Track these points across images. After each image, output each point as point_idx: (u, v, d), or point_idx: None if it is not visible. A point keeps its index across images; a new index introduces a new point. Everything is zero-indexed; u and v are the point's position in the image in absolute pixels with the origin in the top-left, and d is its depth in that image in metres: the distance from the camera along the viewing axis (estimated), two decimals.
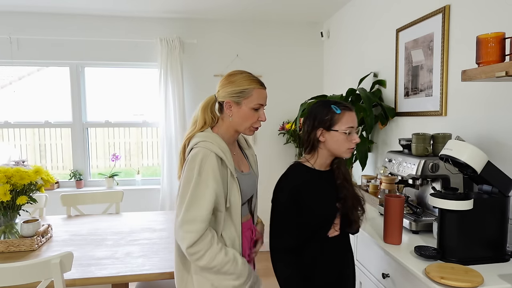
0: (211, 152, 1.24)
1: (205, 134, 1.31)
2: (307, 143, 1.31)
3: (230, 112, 1.33)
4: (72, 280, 1.45)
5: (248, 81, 1.32)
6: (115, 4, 3.09)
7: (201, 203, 1.19)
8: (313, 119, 1.29)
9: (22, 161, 3.09)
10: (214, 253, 1.21)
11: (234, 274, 1.26)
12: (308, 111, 1.33)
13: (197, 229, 1.18)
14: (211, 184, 1.21)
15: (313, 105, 1.33)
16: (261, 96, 1.34)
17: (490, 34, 1.23)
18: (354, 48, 3.03)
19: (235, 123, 1.34)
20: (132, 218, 2.34)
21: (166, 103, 3.42)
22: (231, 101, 1.32)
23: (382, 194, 2.00)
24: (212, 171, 1.22)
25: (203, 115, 1.37)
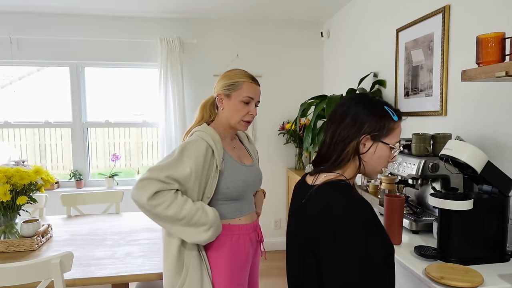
0: (202, 140, 1.29)
1: (201, 127, 1.37)
2: (338, 152, 0.95)
3: (222, 105, 1.39)
4: (72, 280, 1.45)
5: (239, 75, 1.38)
6: (115, 4, 3.09)
7: (172, 172, 1.21)
8: (357, 121, 0.94)
9: (22, 161, 3.09)
10: (180, 203, 1.21)
11: (206, 224, 1.24)
12: (345, 108, 0.97)
13: (159, 186, 1.19)
14: (188, 164, 1.23)
15: (352, 101, 0.98)
16: (251, 89, 1.38)
17: (490, 34, 1.23)
18: (354, 48, 3.03)
19: (227, 116, 1.38)
20: (132, 218, 2.34)
21: (166, 103, 3.42)
22: (222, 93, 1.38)
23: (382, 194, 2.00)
24: (195, 155, 1.25)
25: (201, 111, 1.45)
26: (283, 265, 3.26)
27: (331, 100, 2.28)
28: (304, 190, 1.00)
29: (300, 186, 1.05)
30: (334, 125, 0.97)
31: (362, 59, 2.88)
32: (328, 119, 1.01)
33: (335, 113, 0.99)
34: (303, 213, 0.96)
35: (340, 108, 0.98)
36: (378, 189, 2.21)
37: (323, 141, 1.00)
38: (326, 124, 1.02)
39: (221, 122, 1.42)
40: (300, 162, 3.64)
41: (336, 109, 1.00)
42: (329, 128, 0.99)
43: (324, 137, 1.00)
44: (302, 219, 0.97)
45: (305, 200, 0.96)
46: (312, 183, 0.98)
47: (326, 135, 0.99)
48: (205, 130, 1.33)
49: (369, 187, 2.28)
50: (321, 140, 1.02)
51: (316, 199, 0.92)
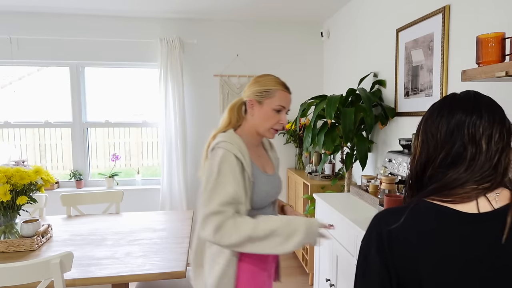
0: (230, 153, 1.25)
1: (227, 135, 1.31)
2: (494, 167, 0.72)
3: (252, 111, 1.35)
4: (72, 280, 1.45)
5: (273, 83, 1.35)
6: (115, 4, 3.09)
7: (220, 198, 1.20)
8: (507, 122, 0.74)
9: (22, 161, 3.09)
10: (239, 224, 1.18)
11: (275, 231, 1.18)
12: (489, 104, 0.74)
13: (217, 219, 1.18)
14: (228, 182, 1.22)
15: (486, 97, 0.76)
16: (284, 98, 1.34)
17: (490, 34, 1.23)
18: (354, 48, 3.03)
19: (256, 123, 1.35)
20: (132, 218, 2.34)
21: (166, 103, 3.42)
22: (254, 99, 1.34)
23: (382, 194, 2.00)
24: (231, 171, 1.23)
25: (229, 114, 1.40)
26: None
27: (331, 100, 2.28)
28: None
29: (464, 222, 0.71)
30: (476, 126, 0.73)
31: (362, 59, 2.88)
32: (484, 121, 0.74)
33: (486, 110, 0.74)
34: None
35: (489, 104, 0.75)
36: (378, 189, 2.21)
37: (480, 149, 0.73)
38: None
39: (249, 128, 1.38)
40: (300, 162, 3.64)
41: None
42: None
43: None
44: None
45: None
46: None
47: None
48: (231, 141, 1.28)
49: (369, 187, 2.28)
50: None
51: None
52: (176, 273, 1.53)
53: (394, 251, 0.72)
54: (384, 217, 0.76)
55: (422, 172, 0.78)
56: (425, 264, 0.69)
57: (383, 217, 0.76)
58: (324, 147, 2.41)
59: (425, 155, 0.77)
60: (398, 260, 0.72)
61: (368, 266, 0.76)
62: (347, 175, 2.61)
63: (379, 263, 0.74)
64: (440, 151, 0.75)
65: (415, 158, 0.80)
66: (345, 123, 2.21)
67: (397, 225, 0.73)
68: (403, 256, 0.71)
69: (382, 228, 0.74)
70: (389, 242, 0.73)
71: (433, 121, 0.77)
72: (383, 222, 0.75)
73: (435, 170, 0.75)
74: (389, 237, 0.73)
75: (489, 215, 0.69)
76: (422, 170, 0.78)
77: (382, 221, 0.76)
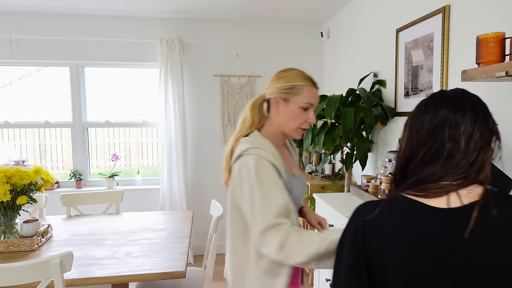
0: (264, 160, 1.14)
1: (254, 139, 1.20)
2: (470, 164, 0.74)
3: (277, 109, 1.23)
4: (72, 280, 1.45)
5: (300, 78, 1.22)
6: (115, 4, 3.09)
7: (273, 210, 1.09)
8: (490, 121, 0.76)
9: (22, 161, 3.09)
10: (304, 239, 1.07)
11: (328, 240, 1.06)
12: (474, 103, 0.76)
13: (279, 235, 1.07)
14: (275, 192, 1.11)
15: (473, 95, 0.78)
16: (312, 95, 1.22)
17: (490, 34, 1.23)
18: (354, 48, 3.03)
19: (281, 122, 1.24)
20: (132, 218, 2.34)
21: (166, 103, 3.42)
22: (279, 97, 1.22)
23: (382, 194, 2.00)
24: (272, 179, 1.12)
25: (251, 113, 1.27)
26: None
27: (331, 100, 2.28)
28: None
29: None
30: (467, 124, 0.74)
31: (362, 59, 2.88)
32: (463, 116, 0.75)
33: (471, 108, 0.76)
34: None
35: (474, 101, 0.77)
36: (378, 189, 2.21)
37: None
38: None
39: (274, 128, 1.27)
40: (300, 162, 3.64)
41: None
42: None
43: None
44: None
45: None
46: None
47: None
48: (261, 146, 1.17)
49: (369, 187, 2.28)
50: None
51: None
52: (176, 273, 1.53)
53: (367, 242, 0.75)
54: (363, 208, 0.79)
55: (406, 166, 0.80)
56: (393, 256, 0.72)
57: (361, 210, 0.79)
58: (324, 147, 2.41)
59: (409, 149, 0.79)
60: (370, 251, 0.75)
61: (342, 254, 0.80)
62: (347, 175, 2.61)
63: (352, 252, 0.77)
64: (422, 147, 0.77)
65: (401, 152, 0.82)
66: (345, 123, 2.21)
67: (371, 216, 0.76)
68: (375, 247, 0.74)
69: (359, 219, 0.78)
70: (363, 233, 0.76)
71: (418, 118, 0.79)
72: (361, 213, 0.79)
73: (416, 165, 0.78)
74: (363, 228, 0.76)
75: (457, 211, 0.71)
76: (406, 164, 0.80)
77: (360, 212, 0.79)
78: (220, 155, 3.68)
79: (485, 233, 0.68)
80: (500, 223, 0.68)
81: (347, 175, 2.61)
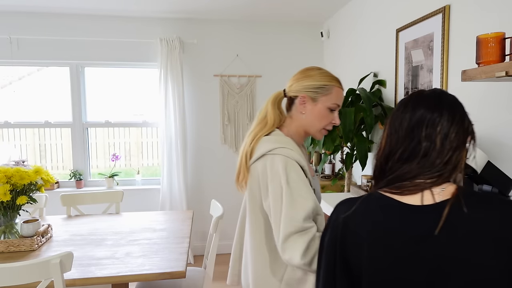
0: (292, 160, 1.10)
1: (280, 139, 1.15)
2: (445, 164, 0.75)
3: (304, 108, 1.19)
4: (72, 280, 1.45)
5: (328, 78, 1.19)
6: (115, 4, 3.09)
7: (302, 214, 1.04)
8: (466, 122, 0.78)
9: (22, 161, 3.09)
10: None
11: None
12: (451, 103, 0.78)
13: (303, 239, 1.02)
14: (305, 194, 1.07)
15: (450, 96, 0.80)
16: (340, 96, 1.20)
17: (490, 34, 1.23)
18: (354, 48, 3.03)
19: (307, 122, 1.20)
20: (132, 218, 2.34)
21: (166, 103, 3.42)
22: (307, 95, 1.18)
23: None
24: (302, 181, 1.08)
25: (272, 111, 1.22)
26: None
27: None
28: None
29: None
30: (439, 124, 0.76)
31: (362, 59, 2.88)
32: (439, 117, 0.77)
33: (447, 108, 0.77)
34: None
35: (451, 102, 0.79)
36: None
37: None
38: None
39: (297, 127, 1.22)
40: None
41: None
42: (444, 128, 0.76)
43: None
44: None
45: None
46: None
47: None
48: (288, 146, 1.13)
49: (369, 187, 2.28)
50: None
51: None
52: (176, 273, 1.53)
53: (344, 238, 0.77)
54: (341, 206, 0.81)
55: (385, 164, 0.81)
56: (367, 252, 0.73)
57: (340, 206, 0.81)
58: (324, 147, 2.41)
59: (388, 148, 0.81)
60: (347, 247, 0.76)
61: (322, 249, 0.82)
62: (347, 175, 2.61)
63: (330, 248, 0.79)
64: (400, 146, 0.78)
65: (380, 150, 0.83)
66: (345, 123, 2.21)
67: (348, 213, 0.78)
68: (351, 243, 0.76)
69: (339, 216, 0.79)
70: (340, 229, 0.78)
71: (397, 116, 0.81)
72: (339, 210, 0.80)
73: (394, 163, 0.79)
74: (341, 224, 0.78)
75: (429, 208, 0.73)
76: (385, 162, 0.81)
77: (339, 209, 0.81)
78: (220, 155, 3.68)
79: (455, 230, 0.69)
80: (470, 220, 0.69)
81: (347, 175, 2.61)
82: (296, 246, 1.01)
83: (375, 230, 0.74)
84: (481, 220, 0.69)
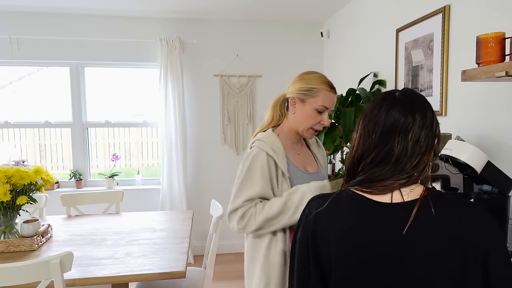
0: (262, 151, 1.28)
1: (264, 134, 1.34)
2: (413, 167, 0.78)
3: (294, 108, 1.33)
4: (72, 280, 1.45)
5: (318, 81, 1.30)
6: (116, 4, 3.09)
7: (245, 196, 1.26)
8: (435, 125, 0.81)
9: (22, 161, 3.09)
10: (259, 209, 1.25)
11: (286, 203, 1.23)
12: (423, 106, 0.80)
13: (240, 212, 1.27)
14: (256, 180, 1.26)
15: (421, 97, 0.82)
16: (328, 99, 1.30)
17: (490, 34, 1.23)
18: (354, 48, 3.03)
19: (295, 121, 1.34)
20: (132, 218, 2.34)
21: (166, 103, 3.42)
22: (297, 97, 1.32)
23: None
24: (261, 169, 1.27)
25: (272, 111, 1.41)
26: None
27: None
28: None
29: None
30: (414, 127, 0.79)
31: (362, 59, 2.88)
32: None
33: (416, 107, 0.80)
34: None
35: (422, 101, 0.82)
36: None
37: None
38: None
39: (289, 126, 1.37)
40: None
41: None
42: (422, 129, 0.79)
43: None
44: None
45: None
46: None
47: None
48: (265, 139, 1.30)
49: None
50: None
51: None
52: (176, 273, 1.53)
53: (315, 233, 0.79)
54: (314, 201, 0.84)
55: (357, 164, 0.84)
56: (337, 247, 0.76)
57: (313, 202, 0.84)
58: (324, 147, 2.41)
59: (361, 150, 0.83)
60: (318, 242, 0.79)
61: (294, 244, 0.85)
62: None
63: (302, 244, 0.81)
64: (373, 150, 0.80)
65: (353, 151, 0.85)
66: (345, 123, 2.21)
67: (321, 209, 0.80)
68: (322, 238, 0.78)
69: (311, 212, 0.82)
70: (312, 225, 0.80)
71: (371, 120, 0.82)
72: (312, 206, 0.83)
73: (366, 165, 0.81)
74: (313, 221, 0.80)
75: (398, 206, 0.76)
76: (357, 163, 0.84)
77: (311, 205, 0.83)
78: (220, 155, 3.68)
79: (421, 229, 0.73)
80: (435, 221, 0.72)
81: None
82: (235, 217, 1.27)
83: (346, 228, 0.77)
84: (444, 220, 0.72)
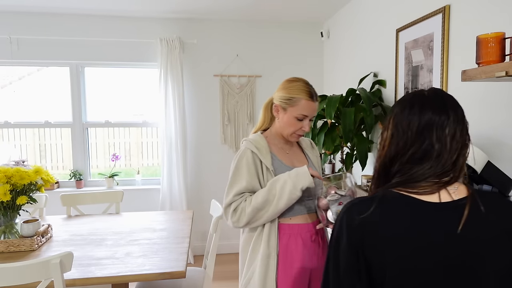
0: (247, 149, 1.40)
1: (253, 136, 1.46)
2: (453, 163, 0.78)
3: (277, 115, 1.43)
4: (72, 280, 1.45)
5: (299, 91, 1.37)
6: (115, 4, 3.09)
7: (235, 190, 1.37)
8: (465, 121, 0.80)
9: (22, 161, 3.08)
10: (248, 202, 1.36)
11: (270, 192, 1.33)
12: (453, 104, 0.80)
13: (232, 206, 1.38)
14: (243, 175, 1.37)
15: (450, 96, 0.82)
16: (307, 107, 1.37)
17: (490, 34, 1.23)
18: (354, 48, 3.03)
19: (280, 127, 1.44)
20: (132, 218, 2.34)
21: (166, 103, 3.42)
22: (279, 105, 1.41)
23: None
24: (246, 165, 1.38)
25: (263, 114, 1.52)
26: None
27: (331, 100, 2.28)
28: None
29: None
30: (449, 126, 0.78)
31: (362, 59, 2.88)
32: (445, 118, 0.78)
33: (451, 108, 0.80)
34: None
35: (454, 102, 0.81)
36: None
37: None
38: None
39: (276, 130, 1.48)
40: None
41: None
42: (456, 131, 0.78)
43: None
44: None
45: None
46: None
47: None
48: (251, 140, 1.43)
49: (369, 187, 2.27)
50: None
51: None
52: (176, 273, 1.53)
53: (365, 239, 0.75)
54: (355, 206, 0.79)
55: (390, 166, 0.81)
56: (391, 251, 0.73)
57: (354, 207, 0.79)
58: (324, 147, 2.41)
59: (394, 149, 0.81)
60: (367, 248, 0.75)
61: (336, 255, 0.79)
62: None
63: (350, 251, 0.76)
64: (410, 148, 0.78)
65: (384, 150, 0.83)
66: (345, 123, 2.21)
67: (367, 214, 0.76)
68: (372, 244, 0.75)
69: (354, 217, 0.77)
70: (360, 231, 0.76)
71: (404, 117, 0.80)
72: (354, 211, 0.78)
73: (403, 165, 0.79)
74: (360, 226, 0.76)
75: (449, 205, 0.75)
76: (391, 164, 0.81)
77: (352, 211, 0.78)
78: (220, 155, 3.68)
79: (476, 226, 0.73)
80: (485, 218, 0.74)
81: None
82: (228, 212, 1.39)
83: (397, 229, 0.74)
84: (493, 217, 0.74)
